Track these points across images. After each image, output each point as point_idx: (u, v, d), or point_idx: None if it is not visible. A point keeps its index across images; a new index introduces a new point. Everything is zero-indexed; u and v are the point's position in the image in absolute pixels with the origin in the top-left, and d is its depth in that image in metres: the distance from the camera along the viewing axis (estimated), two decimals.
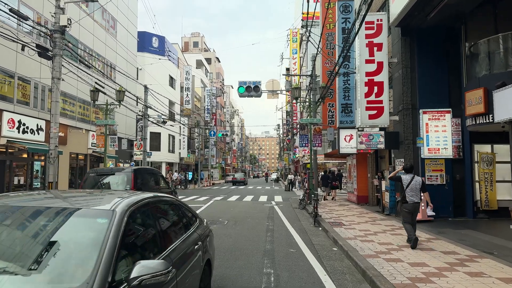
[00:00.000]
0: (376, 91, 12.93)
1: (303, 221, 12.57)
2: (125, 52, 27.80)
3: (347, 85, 17.53)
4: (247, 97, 18.97)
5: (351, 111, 17.36)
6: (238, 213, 14.50)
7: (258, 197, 23.44)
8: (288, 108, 53.29)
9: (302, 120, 18.03)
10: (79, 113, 21.59)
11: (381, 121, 12.82)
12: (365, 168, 17.72)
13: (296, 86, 17.67)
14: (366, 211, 14.42)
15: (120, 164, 27.31)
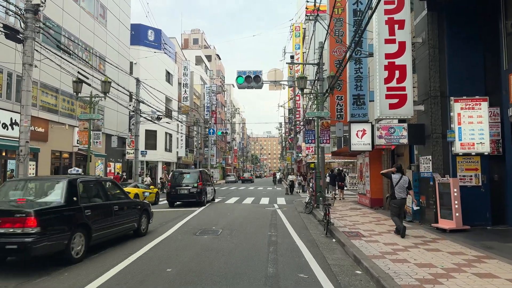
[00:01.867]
0: (398, 76, 10.98)
1: (311, 229, 10.62)
2: (117, 43, 25.92)
3: (359, 73, 15.56)
4: (247, 88, 17.03)
5: (363, 103, 15.40)
6: (236, 219, 12.57)
7: (259, 199, 21.50)
8: (290, 104, 51.36)
9: (309, 114, 16.10)
10: (63, 107, 19.71)
11: (403, 111, 10.86)
12: (379, 167, 15.75)
13: (301, 76, 15.73)
14: (384, 217, 12.46)
15: (111, 163, 25.42)
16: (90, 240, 7.09)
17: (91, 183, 8.00)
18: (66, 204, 6.67)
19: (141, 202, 9.94)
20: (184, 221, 12.11)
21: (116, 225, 8.15)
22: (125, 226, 8.58)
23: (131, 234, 9.14)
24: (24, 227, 5.81)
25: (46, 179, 8.09)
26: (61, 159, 19.84)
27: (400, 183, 8.91)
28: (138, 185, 17.85)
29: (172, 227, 10.82)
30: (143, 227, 9.50)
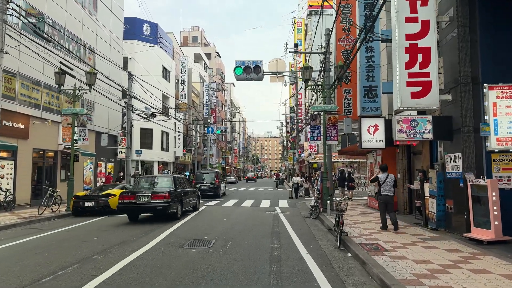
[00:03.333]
0: (421, 61, 9.40)
1: (320, 239, 9.05)
2: (108, 36, 24.38)
3: (370, 62, 14.02)
4: (246, 80, 15.47)
5: (376, 95, 13.85)
6: (233, 226, 10.99)
7: (259, 201, 19.92)
8: (292, 103, 49.80)
9: (314, 108, 14.54)
10: (46, 101, 18.15)
11: (428, 101, 9.28)
12: (393, 167, 14.16)
13: (306, 66, 14.16)
14: (403, 224, 10.88)
15: (102, 163, 23.87)
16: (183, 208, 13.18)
17: (179, 178, 14.40)
18: (175, 189, 12.75)
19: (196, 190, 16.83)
20: (174, 227, 10.55)
21: (190, 202, 14.44)
22: (192, 202, 14.74)
23: None
24: (164, 199, 11.79)
25: (160, 176, 15.47)
26: (45, 158, 18.29)
27: (387, 182, 9.71)
28: (127, 186, 16.28)
29: (158, 236, 9.26)
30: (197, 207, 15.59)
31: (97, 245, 8.15)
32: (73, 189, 15.20)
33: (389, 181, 9.71)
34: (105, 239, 8.91)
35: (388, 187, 9.67)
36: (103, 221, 12.51)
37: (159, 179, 13.69)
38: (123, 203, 11.95)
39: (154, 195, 11.88)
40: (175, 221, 11.91)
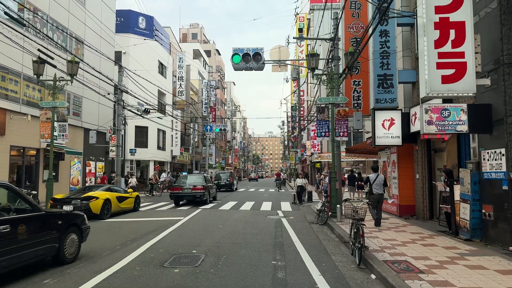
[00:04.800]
0: (454, 38, 7.82)
1: (333, 253, 7.46)
2: (99, 26, 22.82)
3: (385, 48, 12.40)
4: (245, 69, 13.91)
5: (391, 85, 12.24)
6: (228, 235, 9.40)
7: (260, 203, 18.33)
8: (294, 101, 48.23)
9: (321, 100, 12.95)
10: (26, 94, 16.58)
11: (462, 87, 7.69)
12: (410, 166, 12.60)
13: (312, 52, 12.58)
14: (427, 233, 9.30)
15: (91, 162, 22.30)
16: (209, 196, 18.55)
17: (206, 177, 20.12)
18: (206, 183, 18.16)
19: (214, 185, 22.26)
20: (159, 238, 8.97)
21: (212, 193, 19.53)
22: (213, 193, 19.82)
23: None
24: (200, 190, 17.33)
25: (195, 175, 21.23)
26: (25, 156, 16.71)
27: (377, 181, 10.21)
28: (114, 188, 14.73)
29: (137, 248, 7.69)
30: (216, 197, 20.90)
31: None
32: (52, 191, 13.65)
33: (379, 181, 10.24)
34: None
35: (379, 186, 10.19)
36: None
37: (194, 177, 19.45)
38: (173, 193, 17.97)
39: (194, 187, 17.63)
40: (163, 228, 10.34)
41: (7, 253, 5.15)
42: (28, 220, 5.74)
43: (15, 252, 5.29)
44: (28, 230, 5.62)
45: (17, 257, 5.35)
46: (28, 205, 5.97)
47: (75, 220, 6.91)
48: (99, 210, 12.52)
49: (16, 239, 5.34)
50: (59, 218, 6.50)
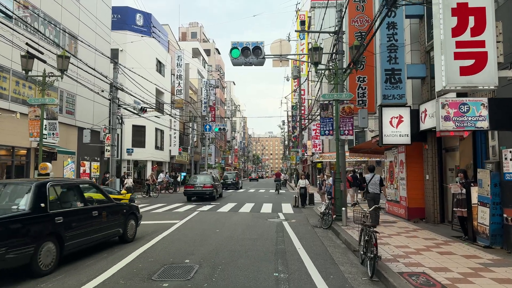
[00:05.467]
0: (473, 25, 7.12)
1: (341, 263, 6.75)
2: (93, 22, 22.12)
3: (393, 41, 11.69)
4: (244, 65, 13.20)
5: (399, 80, 11.53)
6: (225, 242, 8.69)
7: (260, 205, 17.61)
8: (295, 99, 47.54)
9: (325, 96, 12.23)
10: (15, 91, 15.87)
11: (482, 79, 7.00)
12: (419, 166, 11.89)
13: (316, 46, 11.87)
14: (441, 238, 8.59)
15: (85, 162, 21.59)
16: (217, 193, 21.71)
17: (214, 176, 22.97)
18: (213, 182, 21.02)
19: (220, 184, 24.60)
20: (150, 244, 8.26)
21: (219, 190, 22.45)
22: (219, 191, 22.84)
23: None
24: (210, 188, 20.06)
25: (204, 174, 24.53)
26: (15, 156, 15.99)
27: (373, 181, 10.44)
28: (108, 189, 14.02)
29: (125, 257, 6.99)
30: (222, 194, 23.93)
31: None
32: None
33: (375, 180, 10.45)
34: None
35: (374, 186, 10.42)
36: None
37: (203, 177, 22.05)
38: (187, 190, 20.47)
39: (204, 185, 20.23)
40: (157, 233, 9.64)
41: (97, 231, 7.31)
42: (107, 208, 7.80)
43: (99, 232, 7.38)
44: (107, 215, 7.68)
45: (102, 234, 7.50)
46: (105, 197, 8.15)
47: (133, 209, 9.03)
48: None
49: (101, 221, 7.45)
50: (124, 208, 8.62)
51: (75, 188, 7.39)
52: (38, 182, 6.28)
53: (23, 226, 5.53)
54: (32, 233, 5.63)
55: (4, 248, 5.08)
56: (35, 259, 5.56)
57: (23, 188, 6.31)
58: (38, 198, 5.94)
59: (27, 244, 5.46)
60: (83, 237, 6.86)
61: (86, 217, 7.06)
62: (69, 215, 6.59)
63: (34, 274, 5.66)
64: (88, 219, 7.06)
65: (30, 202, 5.84)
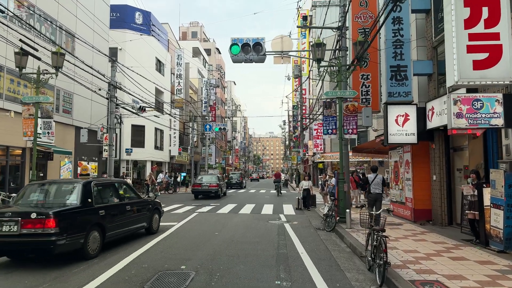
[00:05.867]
0: (487, 17, 6.74)
1: (347, 268, 6.34)
2: (91, 20, 21.74)
3: (398, 36, 11.29)
4: (244, 61, 12.78)
5: (405, 77, 11.14)
6: (224, 246, 8.28)
7: (260, 206, 17.21)
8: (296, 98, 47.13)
9: (327, 94, 11.82)
10: (9, 89, 15.49)
11: (496, 73, 6.61)
12: (426, 166, 11.48)
13: (318, 42, 11.46)
14: (451, 242, 8.17)
15: (83, 162, 21.21)
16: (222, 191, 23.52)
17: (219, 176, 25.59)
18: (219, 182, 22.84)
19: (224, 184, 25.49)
20: (145, 248, 7.86)
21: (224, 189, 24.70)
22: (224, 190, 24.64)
23: None
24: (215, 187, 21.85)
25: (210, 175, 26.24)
26: (9, 156, 15.61)
27: (375, 181, 10.28)
28: None
29: (116, 263, 6.58)
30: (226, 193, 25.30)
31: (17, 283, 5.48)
32: None
33: (377, 180, 10.30)
34: (38, 269, 6.23)
35: (377, 186, 10.27)
36: None
37: (209, 177, 23.90)
38: (194, 189, 22.33)
39: (210, 185, 22.00)
40: (152, 236, 9.24)
41: (130, 223, 8.49)
42: (136, 204, 8.99)
43: (131, 225, 8.57)
44: (137, 210, 8.88)
45: (134, 227, 8.70)
46: (134, 195, 9.38)
47: (157, 205, 10.17)
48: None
49: (132, 215, 8.64)
50: (149, 204, 9.76)
51: (112, 186, 8.59)
52: (85, 181, 7.51)
53: (76, 218, 6.74)
54: (83, 223, 6.83)
55: (64, 235, 6.22)
56: (85, 245, 6.74)
57: (73, 187, 7.40)
58: (85, 194, 7.13)
59: (80, 232, 6.65)
60: (119, 228, 8.04)
61: (121, 211, 8.24)
62: (109, 209, 7.69)
63: (84, 257, 6.78)
64: (123, 213, 8.26)
65: (80, 197, 7.03)
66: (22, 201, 7.32)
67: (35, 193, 7.55)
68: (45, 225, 6.06)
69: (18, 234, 6.02)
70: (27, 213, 6.24)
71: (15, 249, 6.35)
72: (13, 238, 6.05)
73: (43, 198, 7.39)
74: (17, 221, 6.07)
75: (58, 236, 6.10)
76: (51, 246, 6.07)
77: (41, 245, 6.10)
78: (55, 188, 7.67)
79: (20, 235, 6.03)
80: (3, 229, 6.08)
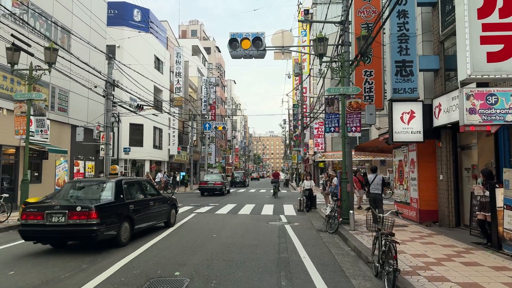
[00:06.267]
0: (502, 6, 6.33)
1: (353, 275, 5.92)
2: (88, 17, 21.30)
3: (404, 31, 10.85)
4: (244, 57, 12.35)
5: (411, 72, 10.69)
6: (222, 250, 7.86)
7: (260, 206, 16.79)
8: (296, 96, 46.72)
9: (330, 90, 11.38)
10: (3, 86, 15.03)
11: None
12: (432, 165, 11.05)
13: (320, 36, 11.02)
14: (461, 245, 7.75)
15: (79, 161, 20.79)
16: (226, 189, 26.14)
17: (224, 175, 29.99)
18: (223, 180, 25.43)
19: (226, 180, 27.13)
20: (138, 252, 7.43)
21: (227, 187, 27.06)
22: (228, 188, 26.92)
23: None
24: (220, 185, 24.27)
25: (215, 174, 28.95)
26: (2, 155, 15.16)
27: (375, 181, 10.44)
28: None
29: (106, 268, 6.16)
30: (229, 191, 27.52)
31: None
32: (27, 193, 12.17)
33: (377, 181, 10.49)
34: (22, 275, 5.82)
35: (377, 186, 10.44)
36: None
37: (215, 175, 26.90)
38: (201, 186, 24.67)
39: (215, 183, 24.38)
40: (146, 239, 8.83)
41: (153, 218, 9.58)
42: (158, 200, 10.02)
43: (154, 219, 9.66)
44: (158, 205, 9.94)
45: (155, 221, 9.83)
46: (155, 191, 10.41)
47: (174, 201, 11.33)
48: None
49: (154, 210, 9.68)
50: (168, 200, 10.90)
51: (137, 184, 9.61)
52: (117, 179, 8.71)
53: (112, 211, 7.74)
54: (117, 215, 7.84)
55: (103, 225, 7.26)
56: (119, 234, 7.77)
57: (107, 184, 8.45)
58: (118, 191, 8.19)
59: (115, 222, 7.67)
60: (145, 222, 9.10)
61: (146, 206, 9.28)
62: (137, 204, 8.76)
63: (118, 244, 7.80)
64: (147, 208, 9.31)
65: (113, 194, 8.07)
66: (62, 196, 8.31)
67: (74, 190, 8.64)
68: (89, 217, 7.10)
69: (66, 224, 7.10)
70: (73, 206, 7.27)
71: (63, 237, 7.42)
72: (62, 227, 7.11)
73: (81, 194, 8.42)
74: (65, 213, 7.14)
75: (99, 226, 7.16)
76: (93, 234, 7.13)
77: (85, 233, 7.14)
78: (91, 186, 8.87)
79: (67, 225, 7.10)
80: (53, 220, 7.14)
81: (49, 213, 7.15)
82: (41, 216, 7.16)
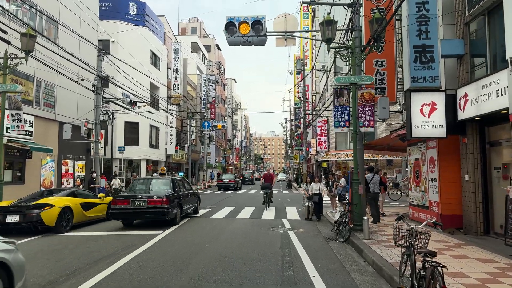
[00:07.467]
0: None
1: None
2: (78, 7, 20.04)
3: (423, 11, 9.56)
4: (242, 44, 11.08)
5: (432, 59, 9.41)
6: (214, 266, 6.57)
7: (261, 209, 15.45)
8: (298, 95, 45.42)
9: (339, 80, 10.06)
10: None
11: None
12: (456, 164, 9.75)
13: (328, 19, 9.74)
14: (503, 260, 6.46)
15: (68, 161, 19.50)
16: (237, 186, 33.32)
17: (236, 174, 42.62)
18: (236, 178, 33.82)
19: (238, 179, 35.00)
20: (114, 268, 6.16)
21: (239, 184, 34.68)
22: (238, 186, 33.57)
23: None
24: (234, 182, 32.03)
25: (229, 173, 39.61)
26: None
27: (373, 181, 10.94)
28: (82, 192, 11.95)
29: (81, 283, 4.91)
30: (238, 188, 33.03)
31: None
32: (1, 196, 10.92)
33: (375, 180, 10.90)
34: None
35: (375, 185, 10.86)
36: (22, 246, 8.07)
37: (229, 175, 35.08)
38: (219, 183, 32.30)
39: (230, 180, 32.08)
40: (131, 248, 7.55)
41: (189, 204, 12.87)
42: (191, 193, 13.44)
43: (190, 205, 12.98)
44: (191, 196, 13.28)
45: (190, 209, 13.07)
46: (189, 186, 13.87)
47: (198, 194, 14.85)
48: (55, 222, 9.74)
49: (190, 200, 12.98)
50: (196, 193, 14.38)
51: (181, 181, 13.09)
52: (172, 177, 12.54)
53: (173, 199, 10.90)
54: (174, 203, 10.96)
55: (170, 209, 10.51)
56: (176, 216, 11.03)
57: (166, 181, 12.02)
58: (173, 185, 11.62)
59: (175, 208, 10.93)
60: (186, 206, 12.28)
61: (186, 196, 12.49)
62: (182, 196, 11.98)
63: (175, 223, 11.07)
64: (187, 197, 12.55)
65: (171, 187, 11.52)
66: (133, 190, 11.62)
67: (141, 185, 12.03)
68: (162, 203, 10.40)
69: (145, 208, 10.40)
70: (151, 196, 10.62)
71: (143, 217, 10.82)
72: (142, 210, 10.45)
73: (147, 187, 11.73)
74: (145, 201, 10.44)
75: (168, 209, 10.41)
76: (164, 215, 10.42)
77: (159, 215, 10.40)
78: (154, 182, 12.11)
79: (146, 208, 10.39)
80: (136, 205, 10.40)
81: (133, 201, 10.39)
82: (127, 202, 10.38)
